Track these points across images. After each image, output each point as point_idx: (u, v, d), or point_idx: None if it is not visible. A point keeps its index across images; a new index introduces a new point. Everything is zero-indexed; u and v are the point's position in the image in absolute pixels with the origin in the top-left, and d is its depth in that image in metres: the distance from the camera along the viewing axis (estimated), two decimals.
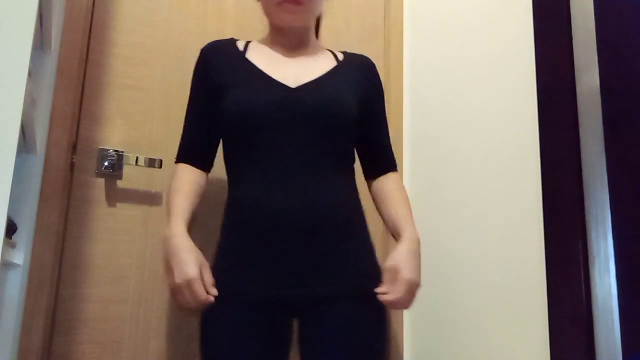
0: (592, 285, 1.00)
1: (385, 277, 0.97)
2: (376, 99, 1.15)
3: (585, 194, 1.03)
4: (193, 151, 1.10)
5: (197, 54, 1.47)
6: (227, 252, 0.99)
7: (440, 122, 1.50)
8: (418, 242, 1.01)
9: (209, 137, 1.10)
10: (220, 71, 1.07)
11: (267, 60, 1.08)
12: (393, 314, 1.53)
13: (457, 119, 1.43)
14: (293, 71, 1.06)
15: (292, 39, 1.11)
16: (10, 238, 1.04)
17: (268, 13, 1.09)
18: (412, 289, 0.95)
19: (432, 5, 1.61)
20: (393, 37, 1.70)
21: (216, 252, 1.02)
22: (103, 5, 1.33)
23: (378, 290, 0.96)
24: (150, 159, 1.30)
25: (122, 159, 1.28)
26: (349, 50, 1.21)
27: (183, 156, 1.10)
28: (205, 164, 1.11)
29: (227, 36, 1.47)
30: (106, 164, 1.26)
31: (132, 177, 1.31)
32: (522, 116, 1.21)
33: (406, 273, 0.95)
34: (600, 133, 1.02)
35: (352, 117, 1.04)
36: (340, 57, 1.15)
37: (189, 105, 1.12)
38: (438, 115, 1.51)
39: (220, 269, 0.99)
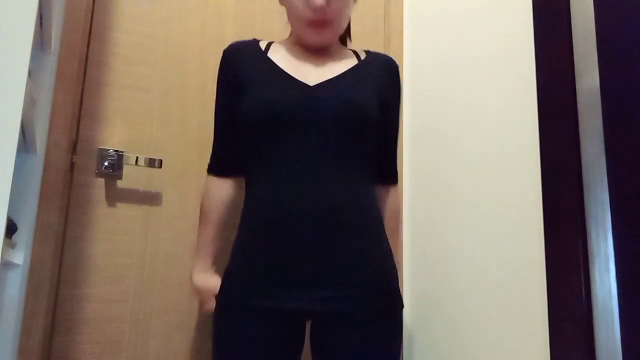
0: (592, 285, 1.00)
1: None
2: (392, 102, 1.14)
3: (585, 194, 1.03)
4: (226, 161, 1.11)
5: (197, 54, 1.47)
6: (242, 254, 0.99)
7: (440, 122, 1.50)
8: None
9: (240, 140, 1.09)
10: (242, 68, 1.07)
11: (288, 59, 1.08)
12: None
13: (457, 119, 1.43)
14: (313, 70, 1.06)
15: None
16: (10, 238, 1.04)
17: (296, 28, 1.08)
18: None
19: (432, 5, 1.61)
20: (393, 37, 1.70)
21: (231, 253, 1.02)
22: (103, 5, 1.33)
23: None
24: (150, 159, 1.30)
25: (122, 159, 1.28)
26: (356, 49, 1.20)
27: (216, 168, 1.12)
28: (239, 170, 1.11)
29: (227, 36, 1.47)
30: (106, 164, 1.26)
31: (132, 177, 1.31)
32: (522, 116, 1.21)
33: None
34: (600, 133, 1.02)
35: (371, 115, 1.03)
36: (363, 56, 1.15)
37: (217, 111, 1.12)
38: (438, 116, 1.51)
39: (234, 272, 0.99)
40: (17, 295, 1.09)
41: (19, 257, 1.10)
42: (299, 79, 1.03)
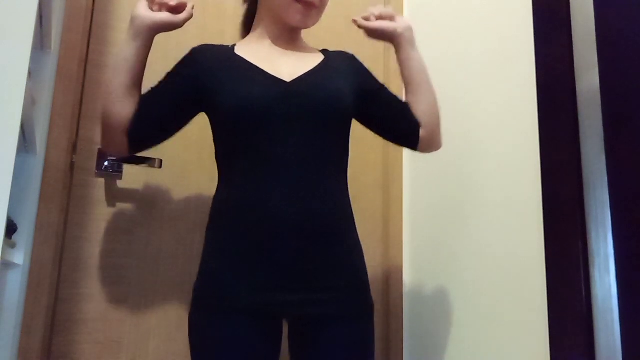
0: (592, 285, 1.00)
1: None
2: (371, 83, 1.15)
3: (585, 194, 1.03)
4: (147, 130, 1.02)
5: None
6: (217, 255, 0.97)
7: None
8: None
9: (162, 121, 1.03)
10: (211, 72, 1.03)
11: (256, 54, 1.06)
12: (393, 312, 1.53)
13: (457, 119, 1.43)
14: (284, 65, 1.05)
15: (289, 35, 1.11)
16: (10, 238, 1.04)
17: (278, 7, 1.05)
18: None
19: (432, 5, 1.61)
20: None
21: (203, 255, 0.99)
22: (103, 5, 1.33)
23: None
24: (150, 159, 1.30)
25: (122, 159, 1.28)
26: (349, 50, 1.20)
27: (136, 138, 1.01)
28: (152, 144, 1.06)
29: (227, 36, 1.47)
30: (106, 164, 1.26)
31: (132, 177, 1.31)
32: (522, 116, 1.21)
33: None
34: (600, 133, 1.02)
35: (349, 109, 1.04)
36: (325, 53, 1.15)
37: (163, 81, 1.06)
38: None
39: (208, 273, 0.97)
40: (17, 295, 1.09)
41: (19, 257, 1.09)
42: (273, 74, 1.01)
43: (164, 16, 1.01)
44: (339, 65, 1.10)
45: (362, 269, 1.02)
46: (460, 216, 1.37)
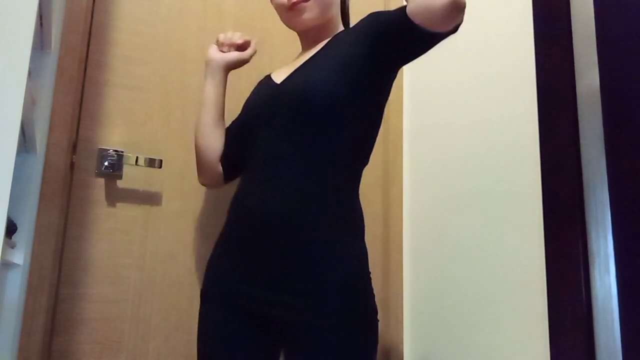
0: (592, 285, 1.00)
1: None
2: (385, 25, 0.94)
3: (585, 194, 1.03)
4: (227, 162, 1.14)
5: (197, 54, 1.47)
6: (216, 251, 1.05)
7: (440, 122, 1.50)
8: None
9: (229, 147, 1.13)
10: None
11: (284, 67, 1.11)
12: (393, 313, 1.53)
13: (457, 119, 1.43)
14: (291, 69, 1.05)
15: (313, 37, 1.09)
16: (10, 238, 1.04)
17: (284, 21, 1.09)
18: None
19: None
20: None
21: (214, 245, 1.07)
22: (103, 5, 1.33)
23: None
24: (150, 159, 1.30)
25: (122, 159, 1.28)
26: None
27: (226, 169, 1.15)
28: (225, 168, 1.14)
29: None
30: (106, 164, 1.26)
31: (132, 177, 1.31)
32: (522, 116, 1.21)
33: None
34: (600, 133, 1.02)
35: (331, 94, 0.93)
36: (337, 34, 1.08)
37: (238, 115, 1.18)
38: (438, 115, 1.51)
39: (209, 268, 1.04)
40: (17, 295, 1.08)
41: (19, 257, 1.09)
42: (274, 80, 1.06)
43: (234, 55, 1.14)
44: (342, 37, 1.01)
45: (355, 277, 0.92)
46: (460, 216, 1.37)
